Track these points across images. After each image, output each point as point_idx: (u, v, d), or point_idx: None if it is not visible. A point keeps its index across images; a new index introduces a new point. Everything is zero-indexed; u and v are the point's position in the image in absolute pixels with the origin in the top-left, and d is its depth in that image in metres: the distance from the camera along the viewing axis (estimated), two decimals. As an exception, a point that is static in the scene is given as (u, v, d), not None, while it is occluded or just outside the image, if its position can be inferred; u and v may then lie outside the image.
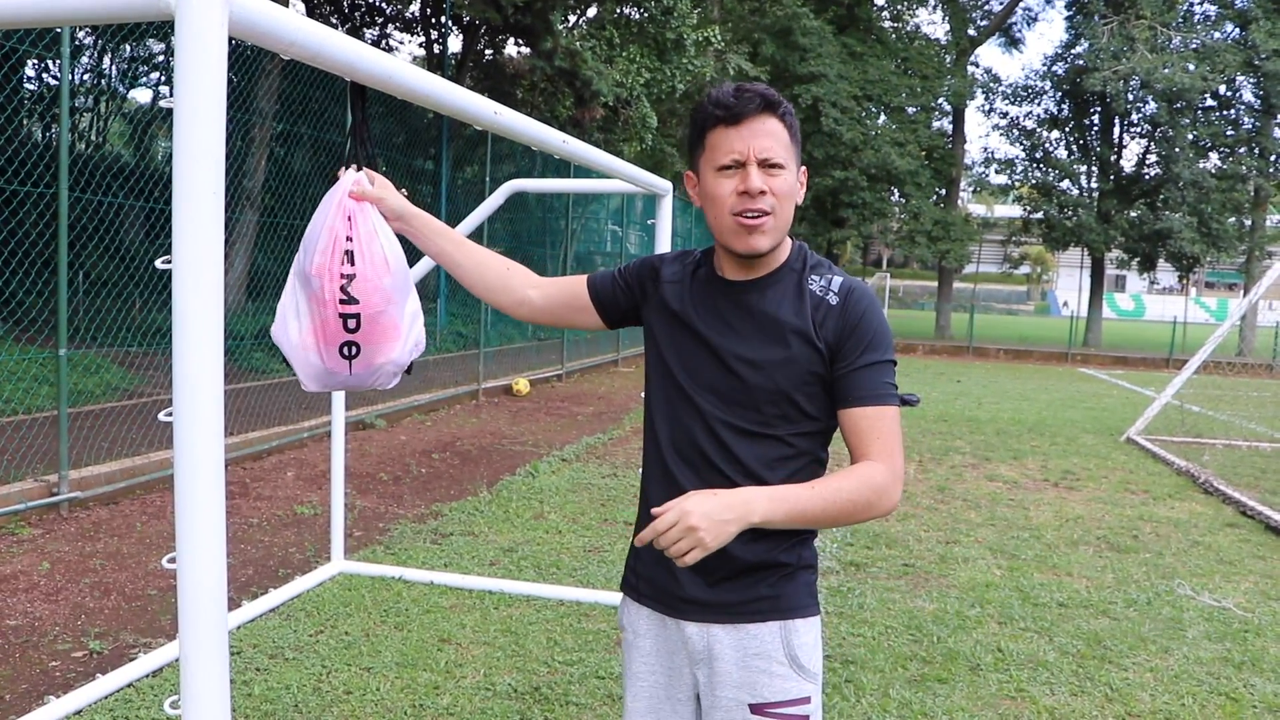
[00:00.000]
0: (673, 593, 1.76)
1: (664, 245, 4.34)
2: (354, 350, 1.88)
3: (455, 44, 17.89)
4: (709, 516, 1.50)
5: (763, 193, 1.64)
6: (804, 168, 1.75)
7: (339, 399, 5.00)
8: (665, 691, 1.81)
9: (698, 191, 1.75)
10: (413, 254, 2.03)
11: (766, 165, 1.64)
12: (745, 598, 1.72)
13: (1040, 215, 27.53)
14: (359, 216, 1.88)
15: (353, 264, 1.84)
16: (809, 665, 1.74)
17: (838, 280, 1.73)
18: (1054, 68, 27.25)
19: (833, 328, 1.68)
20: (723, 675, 1.72)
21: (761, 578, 1.72)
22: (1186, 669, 4.18)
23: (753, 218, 1.65)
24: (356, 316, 1.86)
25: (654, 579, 1.80)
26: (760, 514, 1.55)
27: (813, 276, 1.73)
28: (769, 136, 1.64)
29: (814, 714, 1.75)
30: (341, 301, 1.85)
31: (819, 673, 1.77)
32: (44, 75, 11.52)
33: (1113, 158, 26.76)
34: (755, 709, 1.71)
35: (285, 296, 1.90)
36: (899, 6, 28.17)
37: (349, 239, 1.86)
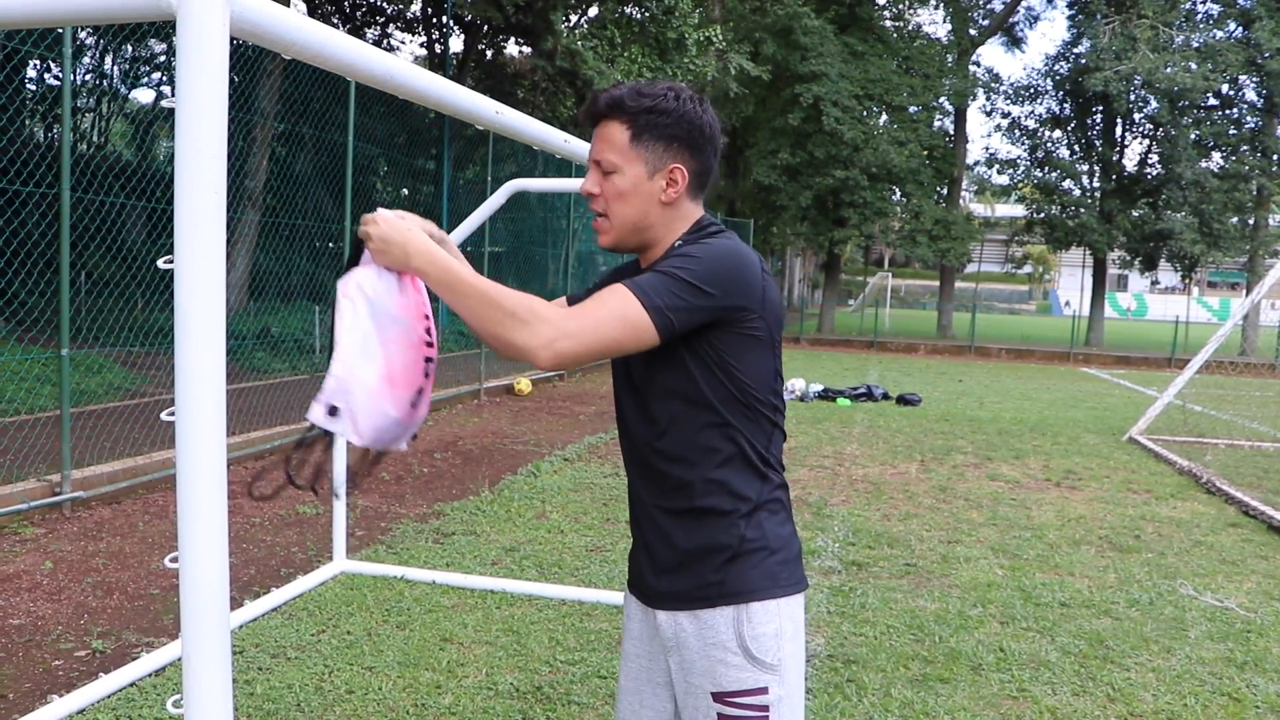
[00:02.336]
0: (645, 581, 1.82)
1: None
2: (419, 398, 1.74)
3: (456, 44, 17.92)
4: (390, 226, 1.63)
5: (591, 194, 1.73)
6: (675, 166, 1.72)
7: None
8: (647, 675, 1.86)
9: None
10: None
11: (602, 172, 1.72)
12: (694, 584, 1.73)
13: (1042, 215, 27.50)
14: None
15: (422, 314, 1.74)
16: (763, 655, 1.71)
17: (693, 243, 1.72)
18: (1056, 67, 27.23)
19: None
20: (688, 663, 1.75)
21: (706, 562, 1.72)
22: (1189, 669, 4.18)
23: (593, 218, 1.76)
24: (432, 360, 1.75)
25: (635, 568, 1.87)
26: (419, 251, 1.61)
27: (681, 245, 1.74)
28: (603, 141, 1.71)
29: (776, 706, 1.71)
30: (426, 344, 1.73)
31: (778, 663, 1.72)
32: (46, 76, 11.53)
33: (1115, 157, 26.72)
34: (716, 697, 1.72)
35: (348, 340, 1.66)
36: (900, 6, 28.13)
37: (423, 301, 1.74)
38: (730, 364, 1.69)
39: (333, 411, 1.61)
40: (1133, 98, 24.49)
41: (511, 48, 18.51)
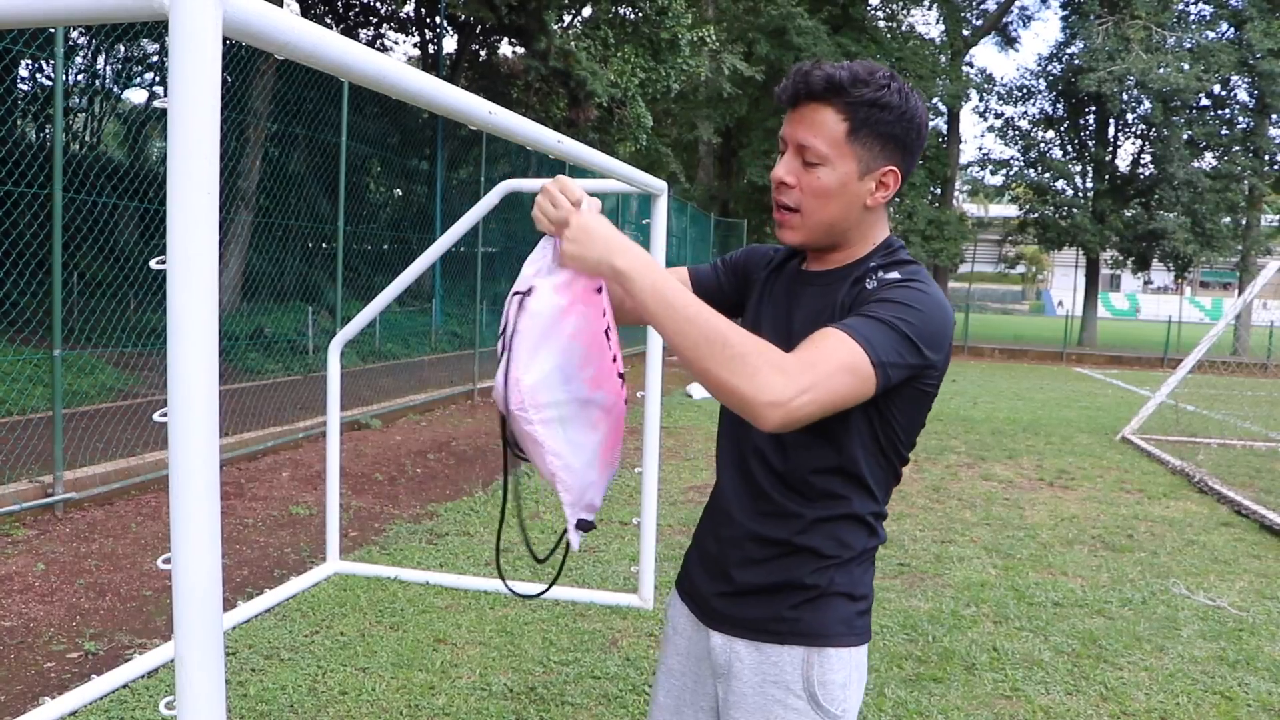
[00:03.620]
0: (706, 597, 1.67)
1: (659, 245, 4.34)
2: (614, 458, 1.59)
3: (450, 44, 17.92)
4: (590, 228, 1.40)
5: (784, 184, 1.52)
6: (890, 169, 1.53)
7: (334, 399, 5.00)
8: (691, 696, 1.72)
9: None
10: (408, 255, 1.95)
11: (804, 160, 1.50)
12: (765, 615, 1.58)
13: (1035, 215, 27.57)
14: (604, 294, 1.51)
15: (611, 342, 1.52)
16: (828, 704, 1.56)
17: (895, 269, 1.53)
18: (1049, 67, 27.30)
19: (854, 304, 1.50)
20: (737, 696, 1.60)
21: (784, 597, 1.57)
22: (1181, 668, 4.19)
23: (779, 207, 1.55)
24: (623, 379, 1.56)
25: (695, 579, 1.71)
26: (630, 263, 1.38)
27: (879, 269, 1.54)
28: (811, 127, 1.49)
29: None
30: (625, 401, 1.57)
31: (843, 714, 1.57)
32: (38, 75, 11.50)
33: (1107, 158, 26.80)
34: None
35: (552, 433, 1.46)
36: (893, 6, 28.18)
37: (607, 326, 1.51)
38: (894, 419, 1.52)
39: (583, 525, 1.50)
40: (1125, 98, 24.55)
41: (505, 48, 18.49)
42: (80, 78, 11.98)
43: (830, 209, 1.52)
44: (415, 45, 19.45)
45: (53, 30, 5.90)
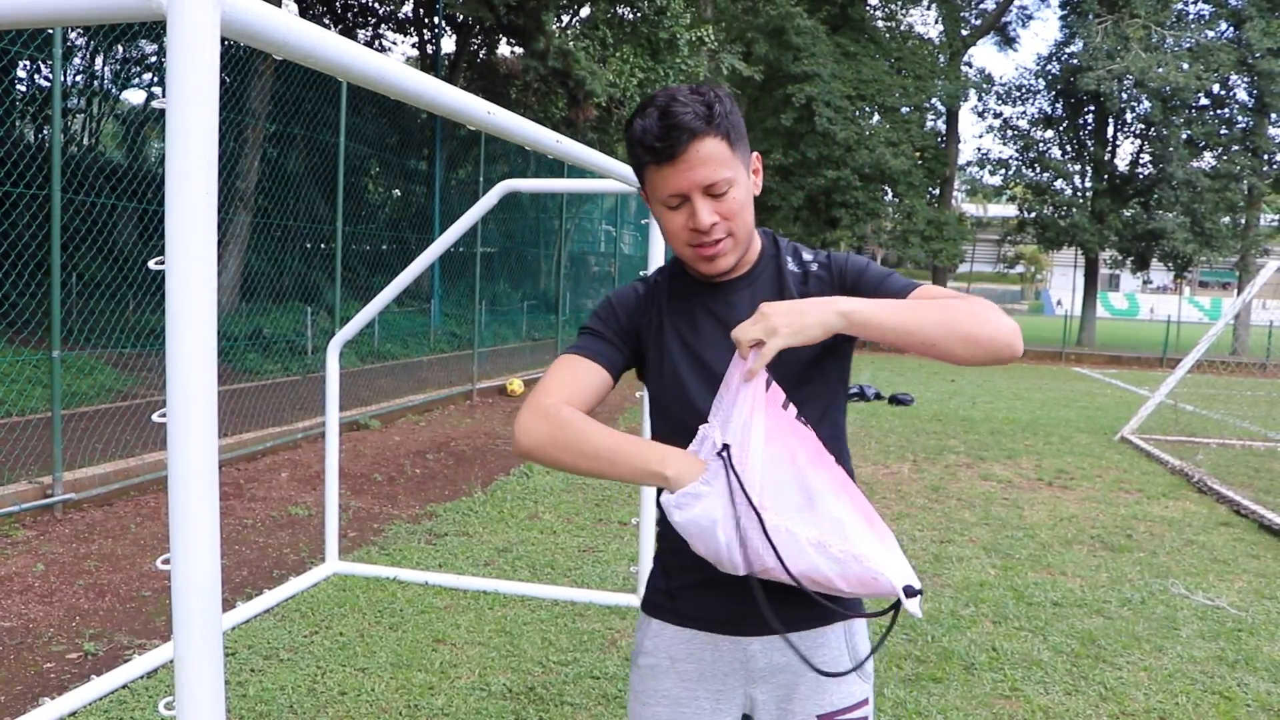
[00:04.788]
0: (734, 612, 1.64)
1: (658, 245, 4.34)
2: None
3: (448, 44, 17.93)
4: (787, 308, 1.43)
5: (714, 224, 1.55)
6: (755, 154, 1.63)
7: (333, 399, 5.00)
8: (710, 717, 1.69)
9: (654, 216, 1.66)
10: (408, 251, 1.93)
11: (711, 195, 1.54)
12: (806, 602, 1.53)
13: (1034, 215, 27.58)
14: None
15: (788, 409, 1.52)
16: (867, 668, 1.70)
17: (816, 254, 1.69)
18: (1048, 67, 27.30)
19: (833, 289, 1.63)
20: (787, 687, 1.65)
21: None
22: (1180, 668, 4.19)
23: (711, 246, 1.57)
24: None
25: (699, 599, 1.67)
26: (849, 304, 1.45)
27: (789, 260, 1.68)
28: (706, 163, 1.51)
29: (872, 715, 1.71)
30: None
31: (871, 671, 1.72)
32: (36, 76, 11.49)
33: (1106, 157, 26.80)
34: (823, 718, 1.65)
35: (845, 513, 1.48)
36: (892, 6, 28.18)
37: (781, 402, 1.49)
38: (847, 368, 1.71)
39: (910, 592, 1.44)
40: (1124, 97, 24.56)
41: (503, 48, 18.50)
42: (79, 78, 11.98)
43: (748, 217, 1.60)
44: (413, 45, 19.46)
45: (51, 31, 5.90)
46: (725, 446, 1.41)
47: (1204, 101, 25.34)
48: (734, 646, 1.67)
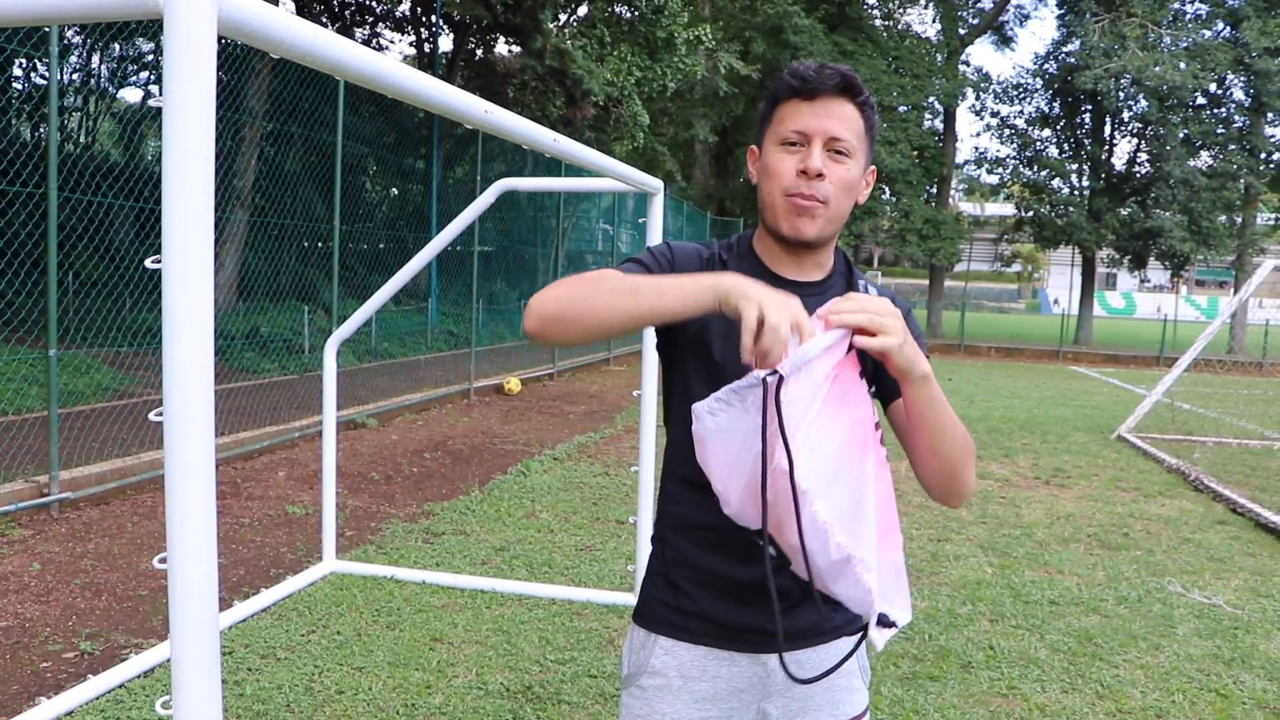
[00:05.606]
0: (751, 627, 1.59)
1: (655, 243, 4.33)
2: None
3: (446, 43, 17.90)
4: (904, 326, 1.35)
5: (821, 176, 1.48)
6: (873, 168, 1.60)
7: (330, 398, 5.00)
8: None
9: (757, 167, 1.58)
10: (406, 249, 1.90)
11: (833, 150, 1.49)
12: (818, 617, 1.59)
13: (1031, 214, 27.60)
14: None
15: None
16: (869, 676, 1.73)
17: (882, 290, 1.60)
18: (1045, 66, 27.32)
19: None
20: (801, 700, 1.63)
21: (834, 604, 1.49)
22: (1177, 666, 4.20)
23: (809, 199, 1.49)
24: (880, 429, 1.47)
25: (711, 615, 1.61)
26: (928, 368, 1.43)
27: (861, 283, 1.63)
28: (842, 120, 1.49)
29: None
30: (876, 426, 1.45)
31: (869, 671, 1.77)
32: (32, 74, 11.48)
33: (1104, 156, 26.82)
34: None
35: (835, 513, 1.27)
36: (890, 5, 28.21)
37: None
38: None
39: (885, 621, 1.30)
40: (1122, 96, 24.58)
41: (501, 47, 18.49)
42: (75, 77, 11.97)
43: (847, 203, 1.54)
44: (411, 44, 19.45)
45: (47, 29, 5.89)
46: (774, 372, 1.22)
47: (1201, 100, 25.38)
48: (751, 662, 1.62)
